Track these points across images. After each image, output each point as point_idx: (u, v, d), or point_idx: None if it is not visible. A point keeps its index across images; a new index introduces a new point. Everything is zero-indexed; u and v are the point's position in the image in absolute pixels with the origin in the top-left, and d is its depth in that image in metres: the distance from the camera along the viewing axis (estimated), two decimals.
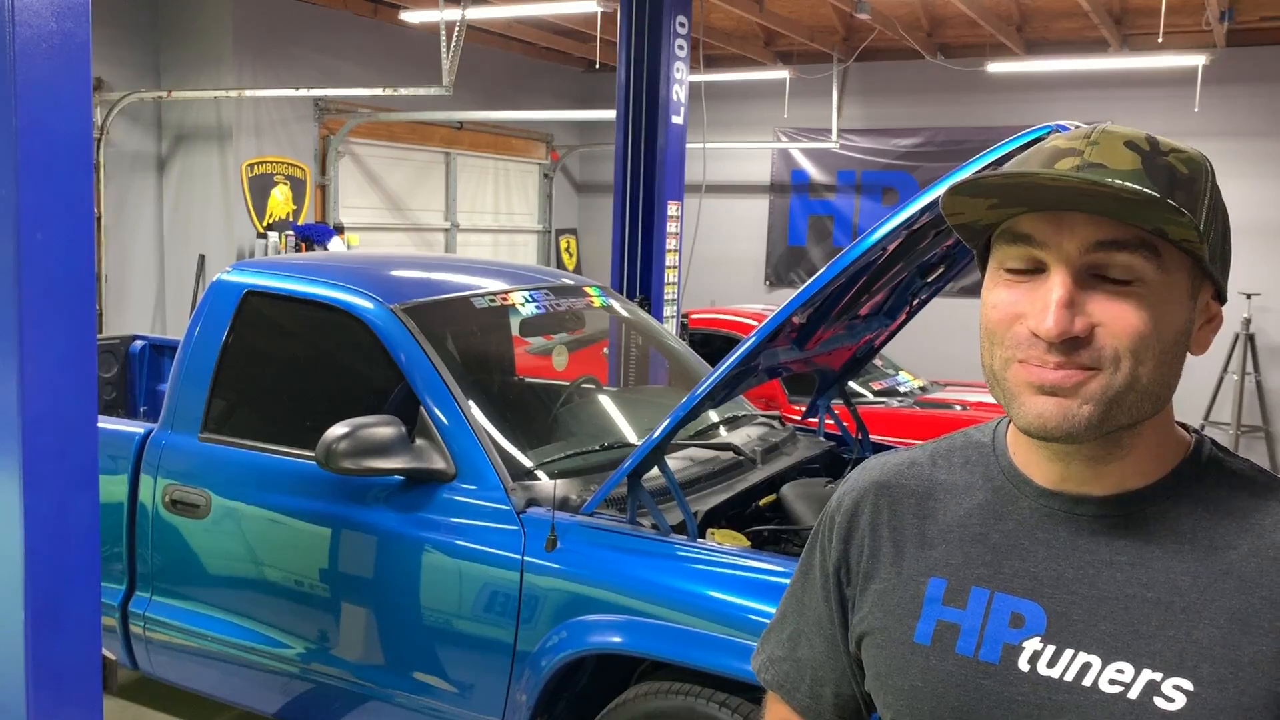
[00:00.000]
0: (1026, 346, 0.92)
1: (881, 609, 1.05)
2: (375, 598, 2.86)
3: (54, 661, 2.00)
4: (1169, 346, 0.92)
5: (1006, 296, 0.95)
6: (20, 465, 1.92)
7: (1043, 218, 0.91)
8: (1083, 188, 0.87)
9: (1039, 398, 0.92)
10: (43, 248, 1.90)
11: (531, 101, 10.22)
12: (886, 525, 1.08)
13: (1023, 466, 1.02)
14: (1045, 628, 0.95)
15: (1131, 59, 8.10)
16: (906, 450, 1.13)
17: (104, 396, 4.78)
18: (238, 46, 7.61)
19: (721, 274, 9.64)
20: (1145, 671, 0.91)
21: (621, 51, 5.98)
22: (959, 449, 1.09)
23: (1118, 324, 0.90)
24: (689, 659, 2.41)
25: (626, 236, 6.09)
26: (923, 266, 3.16)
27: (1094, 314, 0.90)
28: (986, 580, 0.99)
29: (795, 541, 2.91)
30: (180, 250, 7.91)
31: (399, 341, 2.95)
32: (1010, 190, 0.91)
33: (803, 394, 5.32)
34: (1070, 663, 0.94)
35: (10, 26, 1.82)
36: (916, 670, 1.01)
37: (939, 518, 1.05)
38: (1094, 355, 0.90)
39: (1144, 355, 0.90)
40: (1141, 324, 0.90)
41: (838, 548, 1.11)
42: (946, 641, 1.00)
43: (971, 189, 0.92)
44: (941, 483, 1.07)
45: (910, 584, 1.03)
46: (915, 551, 1.05)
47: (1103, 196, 0.87)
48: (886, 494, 1.09)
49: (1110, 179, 0.87)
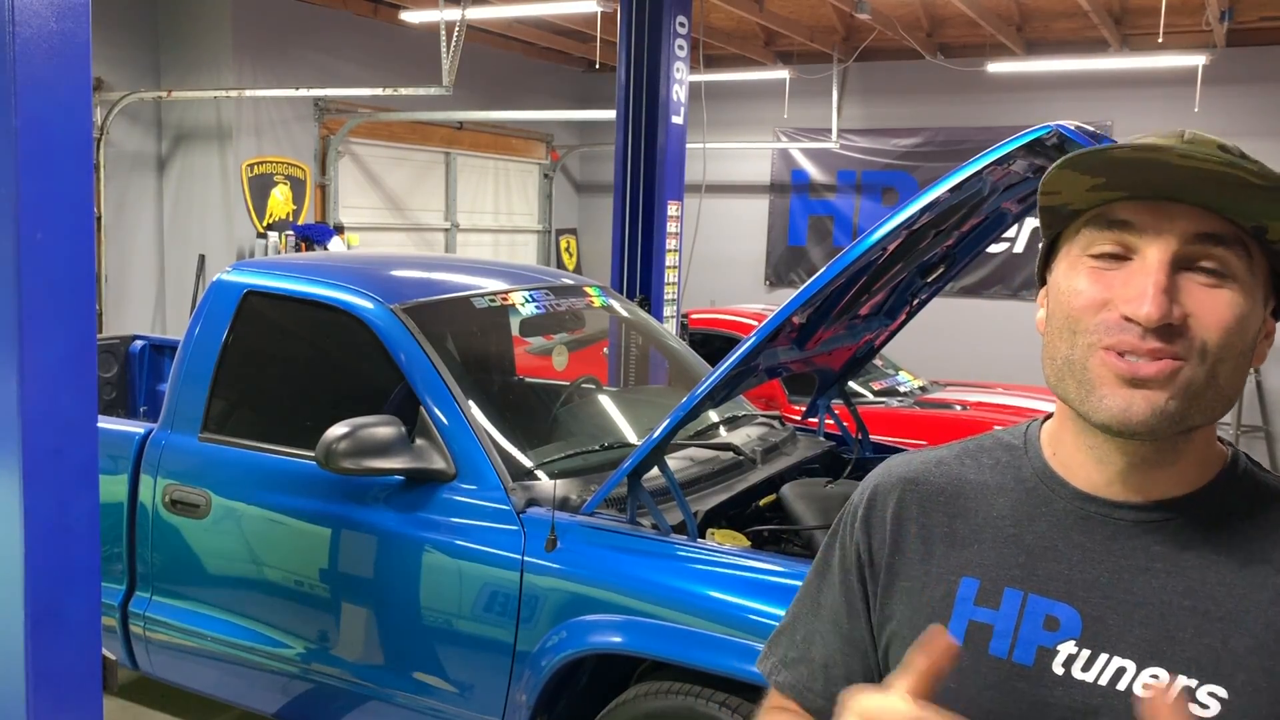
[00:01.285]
0: (1118, 331, 0.90)
1: (910, 608, 1.03)
2: (375, 598, 2.86)
3: (54, 661, 2.00)
4: (1247, 349, 0.92)
5: (1094, 282, 0.92)
6: (20, 465, 1.92)
7: (1144, 205, 0.90)
8: (1209, 172, 0.86)
9: (1126, 390, 0.90)
10: (43, 248, 1.90)
11: (531, 101, 10.22)
12: (914, 521, 1.05)
13: (1060, 469, 1.00)
14: (1080, 631, 0.94)
15: (1131, 59, 8.10)
16: (932, 449, 1.11)
17: (104, 396, 4.78)
18: (238, 46, 7.60)
19: (721, 274, 9.63)
20: (1180, 677, 0.90)
21: (621, 51, 5.98)
22: (988, 450, 1.07)
23: (1210, 316, 0.89)
24: (689, 659, 2.41)
25: (626, 236, 6.09)
26: (923, 266, 3.16)
27: (1188, 304, 0.89)
28: (1020, 581, 0.98)
29: (795, 541, 2.91)
30: (180, 250, 7.90)
31: (399, 341, 2.95)
32: (1125, 169, 0.89)
33: (803, 394, 5.32)
34: (1105, 667, 0.93)
35: (10, 26, 1.82)
36: (949, 671, 1.00)
37: (970, 517, 1.03)
38: (1186, 345, 0.89)
39: (1228, 352, 0.90)
40: (1232, 319, 0.89)
41: (860, 540, 1.08)
42: (979, 642, 0.98)
43: (1083, 164, 0.90)
44: (971, 482, 1.05)
45: (941, 583, 1.02)
46: (945, 550, 1.03)
47: (1208, 186, 0.87)
48: (914, 489, 1.07)
49: (1243, 163, 0.86)
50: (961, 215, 2.79)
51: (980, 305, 9.39)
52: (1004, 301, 9.41)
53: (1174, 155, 0.87)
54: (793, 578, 2.40)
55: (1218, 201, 0.88)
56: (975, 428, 5.62)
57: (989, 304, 9.42)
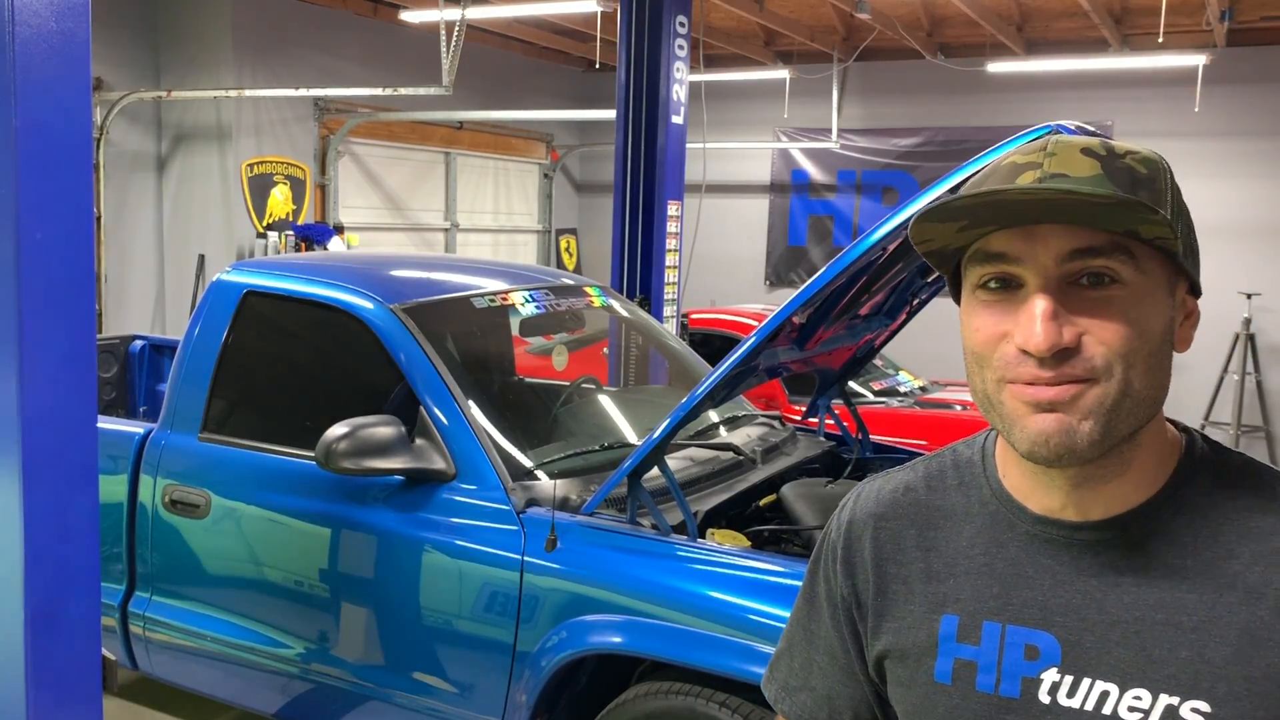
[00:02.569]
0: (1016, 365, 0.91)
1: (899, 648, 1.04)
2: (375, 598, 2.86)
3: (54, 661, 2.00)
4: (1156, 348, 0.91)
5: (988, 317, 0.93)
6: (20, 465, 1.92)
7: (1013, 233, 0.90)
8: (1055, 200, 0.86)
9: (1039, 415, 0.90)
10: (43, 248, 1.90)
11: (531, 101, 10.22)
12: (891, 560, 1.06)
13: (1015, 491, 1.00)
14: (1061, 658, 0.94)
15: (1131, 59, 8.10)
16: (898, 473, 1.11)
17: (104, 396, 4.78)
18: (237, 46, 7.61)
19: (721, 274, 9.64)
20: (1162, 697, 0.90)
21: (621, 51, 5.98)
22: (950, 469, 1.07)
23: (1104, 331, 0.89)
24: (689, 659, 2.41)
25: (626, 236, 6.09)
26: (923, 266, 3.16)
27: (1079, 323, 0.89)
28: (997, 613, 0.98)
29: (795, 541, 2.91)
30: (180, 250, 7.90)
31: (399, 341, 2.95)
32: (978, 210, 0.90)
33: (803, 394, 5.32)
34: (1089, 692, 0.93)
35: (10, 26, 1.82)
36: (942, 710, 1.00)
37: (942, 549, 1.03)
38: (1086, 365, 0.89)
39: (1134, 359, 0.89)
40: (1127, 328, 0.89)
41: (843, 582, 1.10)
42: (966, 680, 0.99)
43: (940, 214, 0.91)
44: (939, 509, 1.05)
45: (924, 623, 1.02)
46: (923, 587, 1.03)
47: (1071, 206, 0.87)
48: (886, 526, 1.07)
49: (1080, 188, 0.86)
50: None
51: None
52: None
53: (1013, 195, 0.87)
54: (793, 578, 2.40)
55: (1083, 217, 0.88)
56: (975, 428, 5.58)
57: None
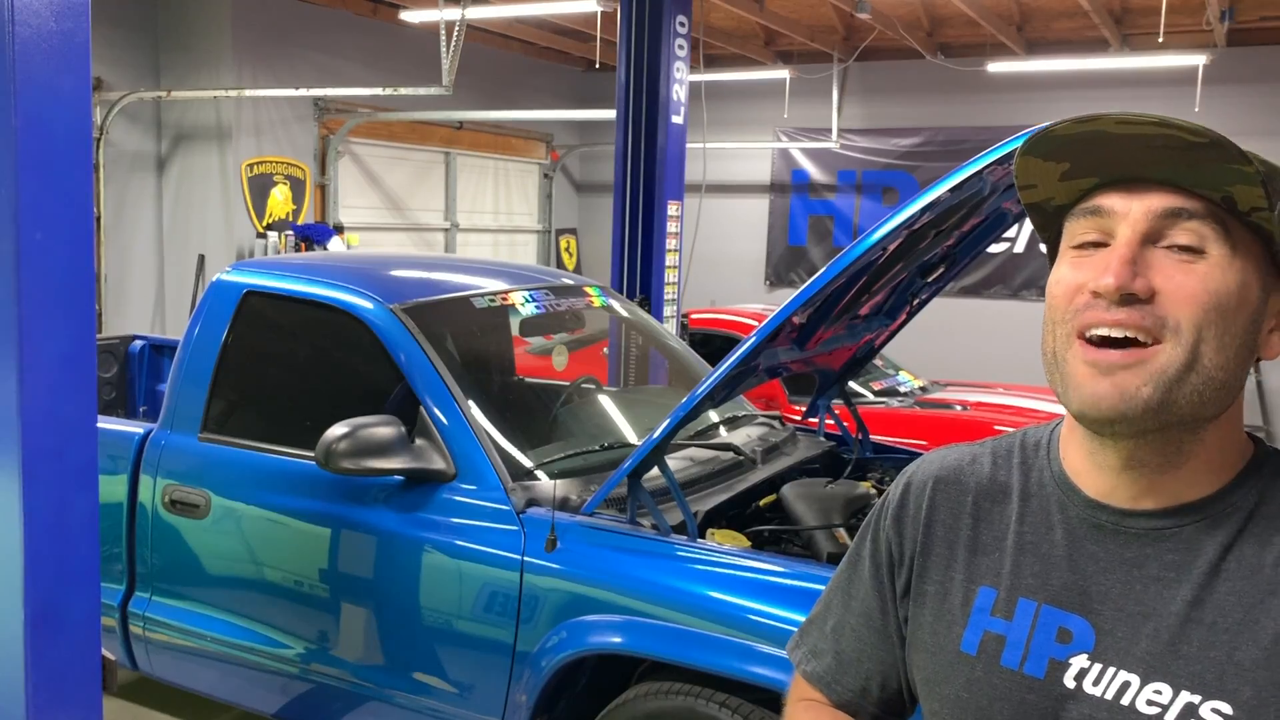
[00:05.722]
0: (1084, 309, 0.90)
1: (932, 614, 1.04)
2: (375, 598, 2.86)
3: (54, 661, 2.00)
4: (1234, 329, 0.89)
5: (1071, 271, 0.93)
6: (20, 465, 1.91)
7: (1115, 190, 0.91)
8: (1152, 133, 0.86)
9: (1096, 377, 0.89)
10: (43, 248, 1.90)
11: (531, 101, 10.22)
12: (941, 523, 1.06)
13: (1071, 473, 0.99)
14: (1094, 645, 0.94)
15: (1131, 59, 8.10)
16: (969, 445, 1.12)
17: (104, 396, 4.78)
18: (237, 46, 7.61)
19: (721, 274, 9.64)
20: (1184, 693, 0.88)
21: (621, 51, 5.98)
22: (1016, 449, 1.07)
23: (1181, 291, 0.88)
24: (689, 659, 2.40)
25: (626, 236, 6.09)
26: (923, 266, 3.15)
27: (1155, 279, 0.88)
28: (1034, 591, 0.97)
29: (795, 542, 2.91)
30: (180, 250, 7.91)
31: (399, 341, 2.95)
32: (1080, 148, 0.90)
33: (803, 394, 5.32)
34: (1112, 681, 0.92)
35: (10, 26, 1.82)
36: (962, 681, 0.99)
37: (994, 522, 1.03)
38: (1155, 317, 0.87)
39: (1206, 331, 0.87)
40: (1205, 294, 0.87)
41: (892, 536, 1.09)
42: (992, 653, 0.98)
43: (1044, 147, 0.91)
44: (1000, 484, 1.05)
45: (960, 590, 1.02)
46: (967, 557, 1.03)
47: (1173, 155, 0.86)
48: (944, 490, 1.07)
49: (1177, 120, 0.86)
50: (962, 215, 2.79)
51: (980, 305, 9.39)
52: (1004, 301, 9.41)
53: (1110, 122, 0.88)
54: (793, 578, 2.41)
55: (1180, 175, 0.88)
56: (975, 427, 5.62)
57: (989, 304, 9.42)
